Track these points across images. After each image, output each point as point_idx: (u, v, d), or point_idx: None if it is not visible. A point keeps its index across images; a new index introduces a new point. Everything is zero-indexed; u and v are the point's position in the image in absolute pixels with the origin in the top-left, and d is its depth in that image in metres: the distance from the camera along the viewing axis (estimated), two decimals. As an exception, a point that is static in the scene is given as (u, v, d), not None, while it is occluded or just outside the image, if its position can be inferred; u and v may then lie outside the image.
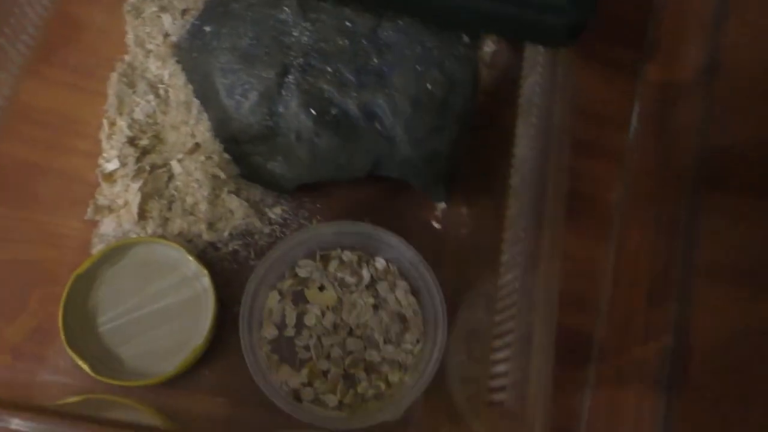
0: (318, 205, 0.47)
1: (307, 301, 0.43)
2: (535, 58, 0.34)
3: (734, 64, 0.48)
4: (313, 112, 0.41)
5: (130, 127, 0.45)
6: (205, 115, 0.45)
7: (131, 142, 0.45)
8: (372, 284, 0.44)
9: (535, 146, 0.31)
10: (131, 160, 0.44)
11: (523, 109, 0.35)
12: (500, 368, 0.29)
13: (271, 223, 0.46)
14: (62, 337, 0.40)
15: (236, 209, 0.45)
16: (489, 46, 0.46)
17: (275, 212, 0.46)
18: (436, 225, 0.47)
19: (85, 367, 0.39)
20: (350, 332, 0.43)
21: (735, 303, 0.40)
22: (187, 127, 0.45)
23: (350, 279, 0.44)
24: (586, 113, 0.53)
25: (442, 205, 0.47)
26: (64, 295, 0.41)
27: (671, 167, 0.50)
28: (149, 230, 0.44)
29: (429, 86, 0.42)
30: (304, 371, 0.42)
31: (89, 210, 0.44)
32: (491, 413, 0.30)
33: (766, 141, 0.40)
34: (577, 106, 0.38)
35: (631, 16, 0.58)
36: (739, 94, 0.46)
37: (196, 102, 0.45)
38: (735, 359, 0.38)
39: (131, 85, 0.46)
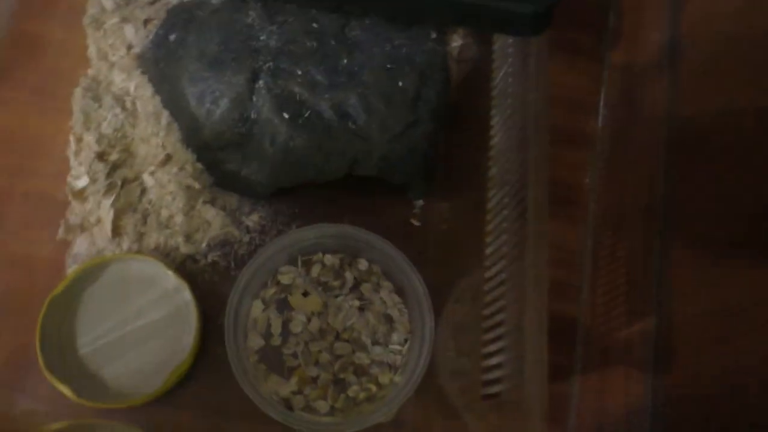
0: (296, 210, 0.46)
1: (291, 308, 0.43)
2: (505, 49, 0.34)
3: (694, 39, 0.49)
4: (285, 115, 0.41)
5: (98, 142, 0.44)
6: (175, 125, 0.44)
7: (100, 157, 0.44)
8: (356, 286, 0.44)
9: (513, 136, 0.31)
10: (101, 176, 0.43)
11: (498, 101, 0.35)
12: (493, 361, 0.29)
13: (249, 231, 0.45)
14: (41, 362, 0.39)
15: (213, 219, 0.44)
16: (457, 41, 0.46)
17: (253, 220, 0.46)
18: (415, 222, 0.47)
19: (66, 391, 0.38)
20: (337, 336, 0.43)
21: (708, 283, 0.41)
22: (158, 138, 0.44)
23: (334, 282, 0.44)
24: (554, 100, 0.54)
25: (420, 202, 0.47)
26: (40, 319, 0.40)
27: (642, 148, 0.51)
28: (124, 246, 0.43)
29: (400, 83, 0.42)
30: (294, 379, 0.41)
31: (60, 230, 0.43)
32: (486, 406, 0.30)
33: (731, 109, 0.40)
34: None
35: (591, 0, 0.59)
36: (702, 68, 0.47)
37: (165, 112, 0.44)
38: (711, 336, 0.39)
39: (96, 99, 0.45)
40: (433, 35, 0.44)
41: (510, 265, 0.30)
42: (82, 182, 0.43)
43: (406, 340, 0.43)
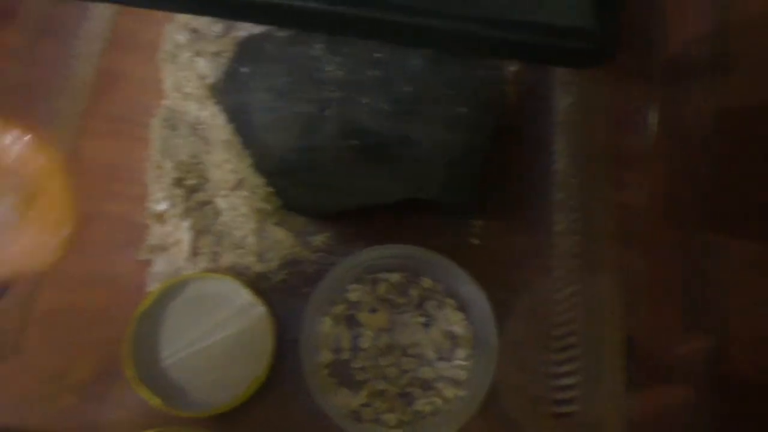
0: (359, 230, 0.48)
1: (360, 324, 0.45)
2: (567, 77, 0.36)
3: (741, 53, 0.50)
4: (351, 142, 0.43)
5: (175, 168, 0.47)
6: (246, 152, 0.47)
7: (178, 182, 0.47)
8: (420, 303, 0.46)
9: (580, 162, 0.32)
10: (179, 200, 0.46)
11: (561, 128, 0.37)
12: (565, 381, 0.31)
13: (316, 251, 0.48)
14: (131, 374, 0.42)
15: (282, 240, 0.47)
16: (513, 66, 0.47)
17: (319, 240, 0.48)
18: (474, 241, 0.48)
19: (155, 402, 0.41)
20: (404, 352, 0.44)
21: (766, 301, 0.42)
22: (230, 164, 0.47)
23: (399, 300, 0.46)
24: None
25: (479, 221, 0.49)
26: (129, 333, 0.42)
27: (692, 164, 0.52)
28: (201, 265, 0.46)
29: (459, 109, 0.44)
30: (363, 392, 0.43)
31: (143, 250, 0.46)
32: (558, 425, 0.31)
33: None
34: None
35: (635, 19, 0.60)
36: (749, 85, 0.48)
37: (236, 140, 0.47)
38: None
39: (173, 128, 0.48)
40: (490, 61, 0.46)
41: (582, 290, 0.31)
42: (162, 206, 0.46)
43: (469, 356, 0.44)
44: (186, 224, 0.45)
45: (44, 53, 0.33)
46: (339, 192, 0.45)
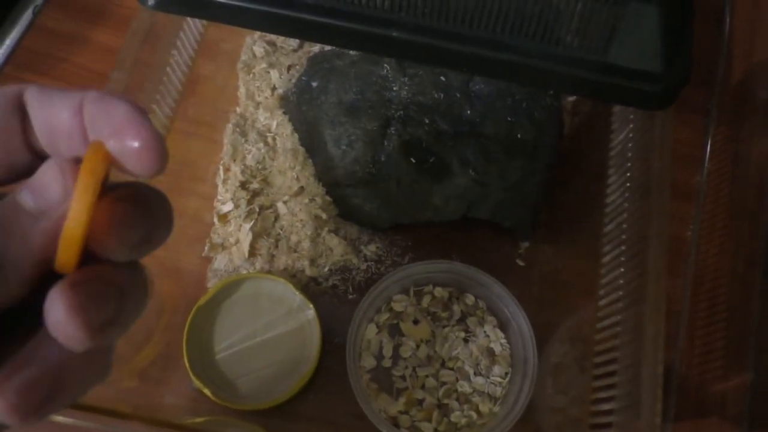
0: (409, 243, 0.50)
1: (402, 334, 0.47)
2: (627, 114, 0.37)
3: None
4: (412, 160, 0.45)
5: (242, 172, 0.49)
6: (309, 161, 0.49)
7: (243, 186, 0.50)
8: (462, 319, 0.47)
9: (633, 197, 0.33)
10: (243, 203, 0.49)
11: (616, 161, 0.38)
12: (604, 406, 0.32)
13: (366, 260, 0.50)
14: (186, 364, 0.44)
15: (335, 247, 0.49)
16: (572, 96, 0.49)
17: (370, 249, 0.50)
18: (520, 263, 0.50)
19: (207, 392, 0.44)
20: (443, 364, 0.46)
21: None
22: (293, 172, 0.49)
23: (442, 314, 0.47)
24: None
25: (526, 243, 0.50)
26: (187, 325, 0.45)
27: (745, 205, 0.52)
28: (257, 266, 0.48)
29: (519, 135, 0.45)
30: (402, 400, 0.45)
31: (206, 247, 0.49)
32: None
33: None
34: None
35: (701, 55, 0.60)
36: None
37: (301, 149, 0.50)
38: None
39: (243, 134, 0.51)
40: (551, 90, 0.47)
41: (626, 320, 0.32)
42: (227, 207, 0.49)
43: (506, 374, 0.46)
44: (247, 226, 0.48)
45: (144, 59, 0.36)
46: (396, 206, 0.47)
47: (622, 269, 0.34)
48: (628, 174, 0.36)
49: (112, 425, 0.35)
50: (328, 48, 0.52)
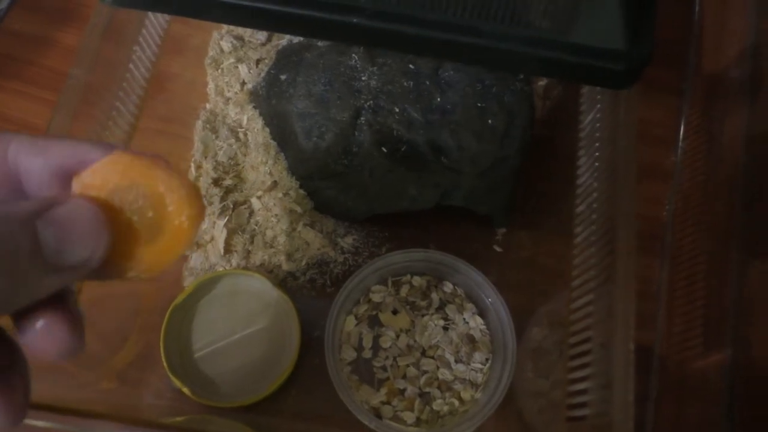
0: (386, 234, 0.50)
1: (381, 325, 0.47)
2: (594, 94, 0.37)
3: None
4: (384, 149, 0.45)
5: (214, 169, 0.49)
6: (282, 155, 0.49)
7: (216, 182, 0.49)
8: (441, 307, 0.47)
9: (601, 177, 0.33)
10: (216, 200, 0.49)
11: (586, 142, 0.38)
12: (579, 386, 0.32)
13: (343, 252, 0.49)
14: (164, 364, 0.44)
15: (312, 240, 0.49)
16: (542, 80, 0.49)
17: (347, 242, 0.50)
18: (497, 248, 0.50)
19: (186, 391, 0.43)
20: (423, 353, 0.46)
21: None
22: (266, 166, 0.49)
23: (421, 302, 0.47)
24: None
25: (502, 230, 0.50)
26: (164, 325, 0.45)
27: (720, 184, 0.52)
28: (234, 263, 0.48)
29: (490, 121, 0.45)
30: (383, 390, 0.45)
31: (180, 246, 0.49)
32: (570, 428, 0.33)
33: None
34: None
35: (671, 35, 0.60)
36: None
37: (273, 144, 0.49)
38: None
39: (214, 130, 0.51)
40: (521, 75, 0.47)
41: (598, 299, 0.32)
42: (201, 204, 0.49)
43: (487, 360, 0.46)
44: (221, 223, 0.48)
45: (106, 56, 0.36)
46: (370, 197, 0.47)
47: (593, 249, 0.34)
48: (597, 154, 0.36)
49: (91, 427, 0.34)
50: (296, 40, 0.51)
